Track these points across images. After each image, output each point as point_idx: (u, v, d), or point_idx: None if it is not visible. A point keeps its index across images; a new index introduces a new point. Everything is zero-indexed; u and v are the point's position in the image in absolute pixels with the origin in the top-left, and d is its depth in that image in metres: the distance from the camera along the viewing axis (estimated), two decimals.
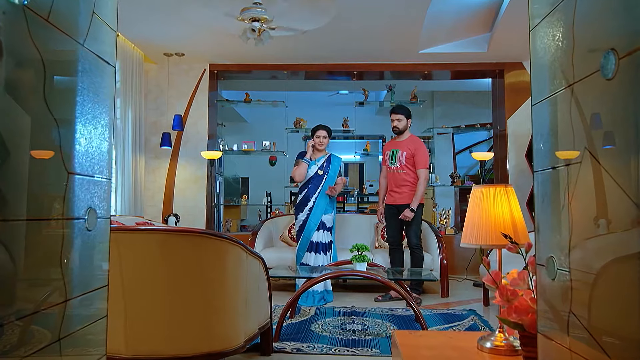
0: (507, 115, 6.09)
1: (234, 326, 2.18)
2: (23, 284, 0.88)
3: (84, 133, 1.09)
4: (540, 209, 1.17)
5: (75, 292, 1.06)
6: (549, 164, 1.13)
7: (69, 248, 1.03)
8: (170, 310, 2.04)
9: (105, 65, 1.23)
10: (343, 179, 4.60)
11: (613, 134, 0.83)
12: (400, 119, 4.37)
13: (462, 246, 1.53)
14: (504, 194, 1.50)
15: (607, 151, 0.84)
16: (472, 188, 1.58)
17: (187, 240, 2.03)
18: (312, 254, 4.27)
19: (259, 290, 2.54)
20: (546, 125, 1.17)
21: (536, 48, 1.20)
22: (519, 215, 1.50)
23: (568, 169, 1.00)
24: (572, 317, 0.99)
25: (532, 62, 1.23)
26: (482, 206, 1.49)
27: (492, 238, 1.46)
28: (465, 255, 5.83)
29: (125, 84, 5.36)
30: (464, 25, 5.37)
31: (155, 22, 4.90)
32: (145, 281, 2.04)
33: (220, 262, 2.10)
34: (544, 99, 1.15)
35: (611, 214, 0.83)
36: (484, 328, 3.31)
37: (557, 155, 1.07)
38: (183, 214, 6.00)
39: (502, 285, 1.32)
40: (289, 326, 3.35)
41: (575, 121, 0.98)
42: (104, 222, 1.19)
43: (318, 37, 5.24)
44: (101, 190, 1.19)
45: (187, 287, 2.05)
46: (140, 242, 2.02)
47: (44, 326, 0.94)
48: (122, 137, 5.33)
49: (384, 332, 3.20)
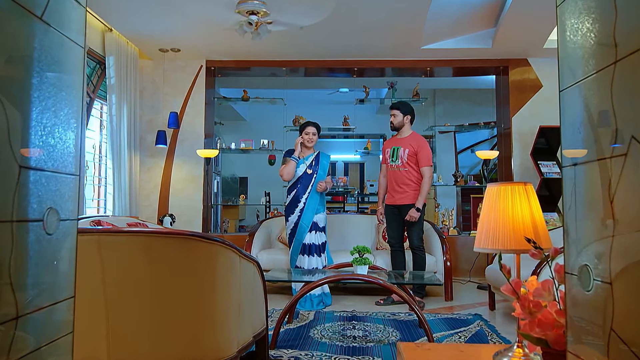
0: (512, 113, 5.94)
1: (226, 335, 2.02)
2: None
3: (42, 121, 0.93)
4: (571, 209, 1.02)
5: (30, 306, 0.90)
6: (582, 157, 0.98)
7: (21, 255, 0.88)
8: (156, 318, 1.89)
9: (72, 45, 1.07)
10: (330, 180, 4.34)
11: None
12: (396, 114, 4.22)
13: (475, 251, 1.37)
14: (523, 192, 1.34)
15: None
16: (487, 186, 1.43)
17: (175, 243, 1.88)
18: (305, 256, 4.11)
19: (254, 296, 2.38)
20: (579, 113, 1.01)
21: (564, 23, 1.04)
22: (540, 216, 1.34)
23: (610, 162, 0.85)
24: (613, 336, 0.85)
25: (560, 41, 1.07)
26: (499, 206, 1.34)
27: (511, 242, 1.30)
28: (469, 257, 5.68)
29: (119, 80, 5.21)
30: (468, 20, 5.21)
31: (150, 16, 4.74)
32: (129, 287, 1.88)
33: (211, 267, 1.95)
34: (577, 82, 1.00)
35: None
36: (491, 334, 3.16)
37: (594, 146, 0.92)
38: (179, 214, 5.85)
39: (524, 295, 1.16)
40: (287, 332, 3.20)
41: (619, 105, 0.82)
42: (69, 224, 1.04)
43: (317, 33, 5.09)
44: (66, 188, 1.04)
45: (174, 294, 1.90)
46: (124, 244, 1.86)
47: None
48: (117, 135, 5.18)
49: (387, 339, 3.05)
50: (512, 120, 5.92)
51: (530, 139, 5.73)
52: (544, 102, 5.87)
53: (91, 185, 5.12)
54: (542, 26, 4.99)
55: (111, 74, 5.12)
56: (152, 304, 1.88)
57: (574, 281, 1.00)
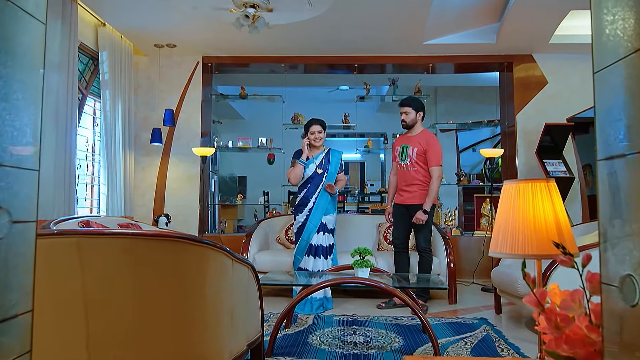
0: (516, 110, 5.79)
1: (217, 344, 1.88)
2: None
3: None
4: (610, 210, 0.87)
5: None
6: (623, 147, 0.83)
7: None
8: (141, 327, 1.74)
9: (30, 20, 0.92)
10: (344, 177, 4.26)
11: None
12: (408, 111, 4.01)
13: (491, 256, 1.23)
14: (546, 190, 1.20)
15: None
16: (504, 184, 1.29)
17: (161, 247, 1.73)
18: (311, 257, 3.96)
19: (248, 302, 2.24)
20: (619, 96, 0.87)
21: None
22: (564, 217, 1.20)
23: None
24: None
25: (594, 13, 0.92)
26: (519, 206, 1.19)
27: (532, 246, 1.16)
28: (472, 258, 5.54)
29: (113, 76, 5.06)
30: (472, 13, 5.07)
31: (145, 10, 4.60)
32: (111, 293, 1.74)
33: (201, 271, 1.81)
34: (617, 61, 0.85)
35: None
36: (499, 340, 3.01)
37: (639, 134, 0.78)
38: (175, 214, 5.70)
39: (550, 308, 1.02)
40: (284, 338, 3.06)
41: None
42: (24, 227, 0.89)
43: (317, 27, 4.95)
44: (20, 185, 0.89)
45: (160, 301, 1.75)
46: (106, 248, 1.71)
47: None
48: (111, 133, 5.03)
49: (389, 345, 2.90)
50: (516, 117, 5.77)
51: (535, 137, 5.58)
52: (549, 99, 5.73)
53: (84, 185, 4.97)
54: (549, 20, 4.84)
55: (105, 69, 4.97)
56: (136, 312, 1.74)
57: (613, 293, 0.86)
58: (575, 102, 5.66)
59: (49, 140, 4.01)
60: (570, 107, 5.67)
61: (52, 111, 4.03)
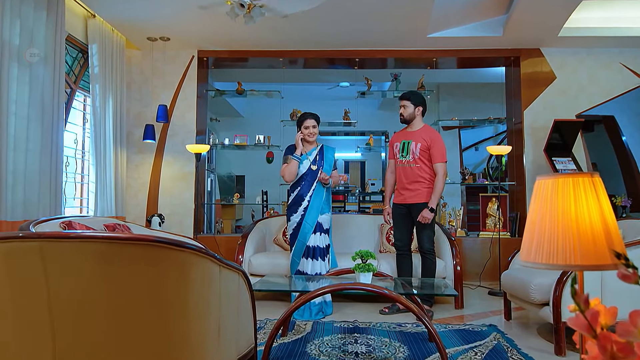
0: (523, 107, 5.57)
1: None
2: None
3: None
4: None
5: None
6: None
7: None
8: (115, 345, 1.53)
9: None
10: (344, 176, 4.05)
11: None
12: (406, 105, 3.81)
13: (523, 265, 1.02)
14: (590, 186, 0.99)
15: None
16: (537, 180, 1.08)
17: (137, 252, 1.52)
18: (309, 260, 3.75)
19: (239, 311, 2.03)
20: None
21: None
22: (613, 219, 0.99)
23: None
24: None
25: None
26: (557, 206, 0.98)
27: (576, 255, 0.95)
28: (478, 260, 5.34)
29: (104, 69, 4.84)
30: (478, 4, 4.85)
31: (137, 1, 4.38)
32: (81, 305, 1.52)
33: (183, 279, 1.59)
34: None
35: None
36: (511, 350, 2.80)
37: None
38: (169, 213, 5.49)
39: (605, 333, 0.81)
40: (280, 347, 2.85)
41: None
42: None
43: (317, 19, 4.73)
44: None
45: (137, 313, 1.54)
46: (73, 253, 1.50)
47: None
48: (101, 129, 4.81)
49: (393, 356, 2.69)
50: (523, 114, 5.56)
51: (543, 134, 5.37)
52: (558, 94, 5.51)
53: (72, 183, 4.75)
54: (558, 12, 4.63)
55: (94, 63, 4.76)
56: (109, 327, 1.53)
57: None
58: (584, 98, 5.45)
59: (34, 136, 3.80)
60: (579, 103, 5.46)
61: (38, 105, 3.82)
